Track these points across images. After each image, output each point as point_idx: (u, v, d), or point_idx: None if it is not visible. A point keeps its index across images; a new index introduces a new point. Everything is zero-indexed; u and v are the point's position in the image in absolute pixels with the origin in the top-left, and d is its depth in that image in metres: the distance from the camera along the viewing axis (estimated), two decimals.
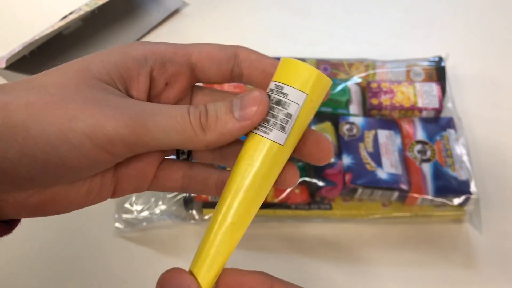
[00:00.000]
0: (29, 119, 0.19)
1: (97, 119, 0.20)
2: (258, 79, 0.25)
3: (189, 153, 0.27)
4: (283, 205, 0.44)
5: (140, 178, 0.25)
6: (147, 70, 0.23)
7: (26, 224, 0.46)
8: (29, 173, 0.20)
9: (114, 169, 0.24)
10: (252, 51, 0.25)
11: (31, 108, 0.19)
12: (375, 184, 0.42)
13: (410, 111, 0.47)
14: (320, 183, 0.43)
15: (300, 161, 0.45)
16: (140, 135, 0.20)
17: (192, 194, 0.43)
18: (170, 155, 0.27)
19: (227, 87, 0.50)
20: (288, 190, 0.43)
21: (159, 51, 0.24)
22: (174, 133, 0.21)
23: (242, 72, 0.25)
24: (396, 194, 0.43)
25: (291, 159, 0.24)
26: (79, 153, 0.20)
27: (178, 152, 0.26)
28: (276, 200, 0.43)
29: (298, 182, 0.44)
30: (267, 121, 0.22)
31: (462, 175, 0.43)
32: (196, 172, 0.26)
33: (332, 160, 0.43)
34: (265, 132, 0.22)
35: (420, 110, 0.47)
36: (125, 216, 0.44)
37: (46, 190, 0.22)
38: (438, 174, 0.43)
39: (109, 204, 0.41)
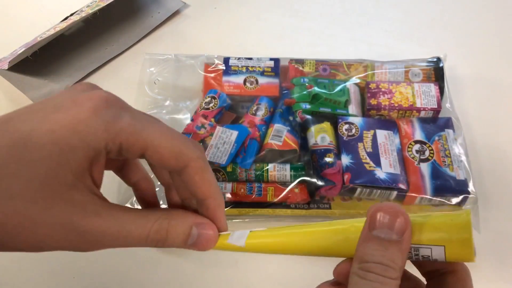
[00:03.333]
0: (2, 238, 0.22)
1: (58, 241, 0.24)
2: (188, 198, 0.28)
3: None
4: (282, 204, 0.44)
5: None
6: (102, 162, 0.23)
7: None
8: None
9: None
10: (202, 170, 0.25)
11: (2, 229, 0.22)
12: (373, 183, 0.42)
13: (409, 111, 0.47)
14: (319, 183, 0.43)
15: (300, 160, 0.46)
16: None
17: None
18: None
19: (226, 86, 0.51)
20: (287, 189, 0.44)
21: (119, 142, 0.23)
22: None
23: (180, 179, 0.26)
24: (394, 193, 0.43)
25: None
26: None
27: None
28: (275, 200, 0.44)
29: (297, 181, 0.44)
30: None
31: (460, 175, 0.43)
32: None
33: (331, 159, 0.44)
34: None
35: (419, 110, 0.47)
36: None
37: None
38: (437, 173, 0.43)
39: None
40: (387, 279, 0.22)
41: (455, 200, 0.43)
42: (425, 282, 0.26)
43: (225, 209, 0.44)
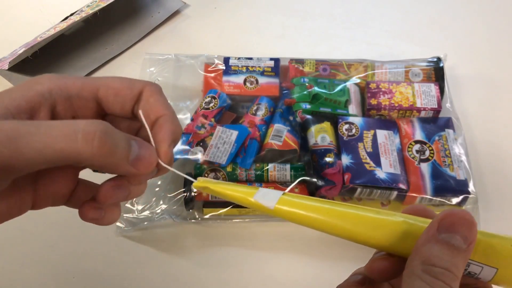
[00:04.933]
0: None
1: None
2: (150, 121, 0.26)
3: None
4: None
5: (56, 196, 0.26)
6: (50, 103, 0.24)
7: (28, 223, 0.47)
8: None
9: (33, 188, 0.25)
10: (156, 92, 0.26)
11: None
12: (374, 183, 0.42)
13: (409, 111, 0.47)
14: (320, 183, 0.43)
15: (300, 160, 0.46)
16: (10, 159, 0.20)
17: (193, 194, 0.44)
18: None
19: (226, 86, 0.51)
20: (287, 189, 0.44)
21: (65, 86, 0.25)
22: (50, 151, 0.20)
23: (138, 113, 0.26)
24: (394, 193, 0.43)
25: None
26: None
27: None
28: None
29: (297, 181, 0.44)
30: None
31: (460, 175, 0.43)
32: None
33: (331, 159, 0.44)
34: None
35: (419, 110, 0.47)
36: (126, 215, 0.44)
37: None
38: (437, 173, 0.43)
39: None
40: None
41: (455, 200, 0.43)
42: None
43: (225, 209, 0.44)
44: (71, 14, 0.62)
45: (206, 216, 0.44)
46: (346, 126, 0.46)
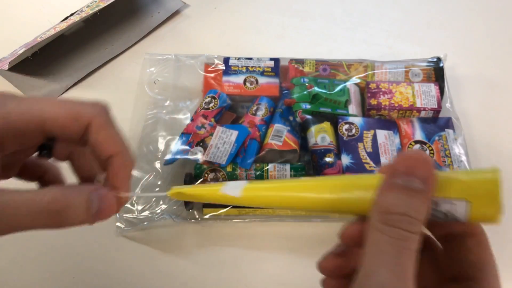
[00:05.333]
0: None
1: None
2: (102, 159, 0.26)
3: (50, 150, 0.27)
4: None
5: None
6: None
7: None
8: None
9: None
10: (105, 124, 0.25)
11: None
12: None
13: (409, 111, 0.48)
14: None
15: (300, 160, 0.46)
16: None
17: None
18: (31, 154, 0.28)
19: (226, 86, 0.51)
20: None
21: (11, 121, 0.23)
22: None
23: (88, 143, 0.25)
24: None
25: None
26: None
27: (40, 148, 0.27)
28: None
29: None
30: None
31: None
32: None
33: (331, 159, 0.44)
34: None
35: (419, 110, 0.47)
36: (126, 215, 0.44)
37: None
38: None
39: None
40: (412, 234, 0.20)
41: None
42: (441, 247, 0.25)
43: (226, 209, 0.44)
44: (71, 14, 0.62)
45: (206, 216, 0.44)
46: (346, 126, 0.47)
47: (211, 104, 0.49)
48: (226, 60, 0.52)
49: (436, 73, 0.50)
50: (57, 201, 0.23)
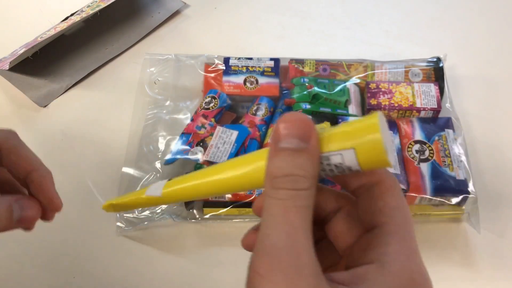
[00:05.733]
0: None
1: None
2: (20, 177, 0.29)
3: None
4: None
5: None
6: None
7: None
8: None
9: None
10: (15, 147, 0.28)
11: None
12: None
13: (409, 111, 0.48)
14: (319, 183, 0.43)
15: None
16: None
17: None
18: None
19: (226, 86, 0.51)
20: None
21: None
22: None
23: (3, 165, 0.28)
24: None
25: None
26: None
27: None
28: None
29: None
30: None
31: (460, 175, 0.43)
32: None
33: None
34: None
35: (419, 110, 0.47)
36: (126, 215, 0.44)
37: None
38: (436, 173, 0.43)
39: None
40: (299, 191, 0.20)
41: (455, 200, 0.43)
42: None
43: (226, 209, 0.44)
44: (71, 14, 0.62)
45: (206, 216, 0.44)
46: None
47: (211, 104, 0.49)
48: (226, 60, 0.52)
49: (436, 73, 0.51)
50: None
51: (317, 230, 0.23)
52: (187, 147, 0.46)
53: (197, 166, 0.45)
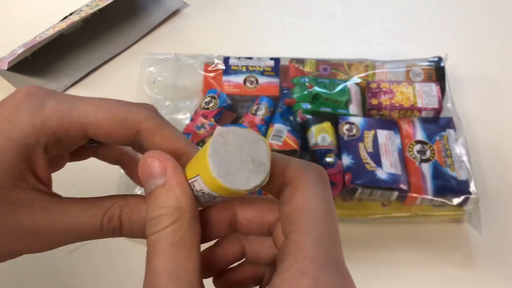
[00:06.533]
0: None
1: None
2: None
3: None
4: None
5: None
6: (41, 151, 0.22)
7: None
8: None
9: None
10: (159, 127, 0.23)
11: None
12: (374, 184, 0.42)
13: (410, 111, 0.47)
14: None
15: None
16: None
17: None
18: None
19: (226, 86, 0.50)
20: None
21: (50, 130, 0.21)
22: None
23: (143, 147, 0.23)
24: (395, 194, 0.43)
25: None
26: None
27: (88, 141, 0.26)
28: None
29: None
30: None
31: (461, 175, 0.43)
32: None
33: (332, 160, 0.44)
34: None
35: (420, 110, 0.47)
36: None
37: None
38: (438, 174, 0.43)
39: None
40: (162, 231, 0.20)
41: (456, 201, 0.43)
42: None
43: None
44: (70, 14, 0.62)
45: None
46: (347, 126, 0.46)
47: (211, 104, 0.49)
48: (226, 60, 0.52)
49: (437, 72, 0.50)
50: (114, 219, 0.23)
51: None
52: None
53: None
